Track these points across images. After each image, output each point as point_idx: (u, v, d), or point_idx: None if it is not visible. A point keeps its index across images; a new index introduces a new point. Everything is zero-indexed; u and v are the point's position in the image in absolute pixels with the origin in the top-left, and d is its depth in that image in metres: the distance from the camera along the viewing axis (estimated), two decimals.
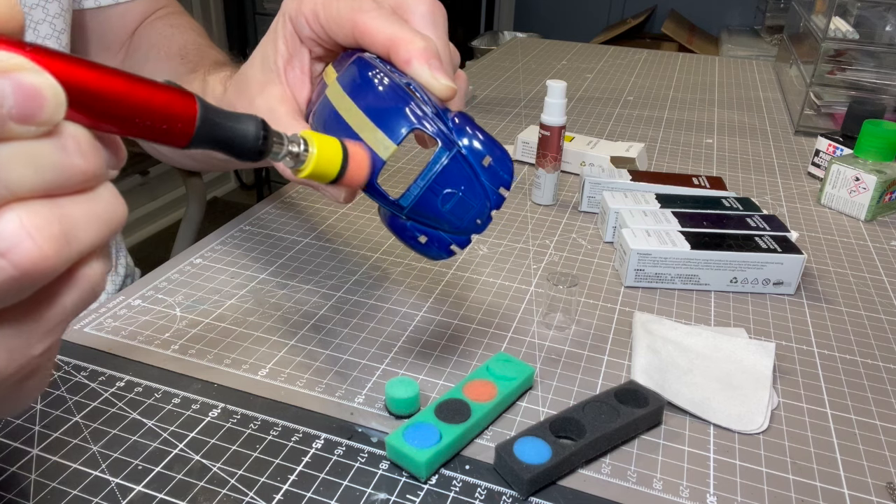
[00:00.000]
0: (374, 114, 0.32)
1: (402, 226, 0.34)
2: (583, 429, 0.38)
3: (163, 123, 0.21)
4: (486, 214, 0.35)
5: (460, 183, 0.33)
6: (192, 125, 0.22)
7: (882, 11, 0.93)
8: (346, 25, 0.35)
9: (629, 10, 2.58)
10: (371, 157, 0.31)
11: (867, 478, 0.38)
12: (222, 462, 0.37)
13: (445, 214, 0.34)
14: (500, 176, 0.34)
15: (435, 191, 0.33)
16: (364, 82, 0.33)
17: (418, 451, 0.36)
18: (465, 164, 0.33)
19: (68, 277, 0.20)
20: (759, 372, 0.44)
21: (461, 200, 0.33)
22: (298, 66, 0.39)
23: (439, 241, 0.35)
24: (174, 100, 0.22)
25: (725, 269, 0.54)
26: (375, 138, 0.32)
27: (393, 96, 0.32)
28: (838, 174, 0.70)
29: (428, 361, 0.45)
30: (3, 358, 0.20)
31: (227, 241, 0.59)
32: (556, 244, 0.62)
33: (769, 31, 1.93)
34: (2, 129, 0.17)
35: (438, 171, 0.33)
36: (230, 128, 0.24)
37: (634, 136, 0.90)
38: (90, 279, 0.21)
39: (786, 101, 1.08)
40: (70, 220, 0.19)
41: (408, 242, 0.35)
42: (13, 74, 0.17)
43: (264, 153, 0.26)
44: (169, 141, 0.22)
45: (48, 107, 0.18)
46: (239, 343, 0.46)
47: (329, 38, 0.37)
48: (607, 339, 0.49)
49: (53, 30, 0.52)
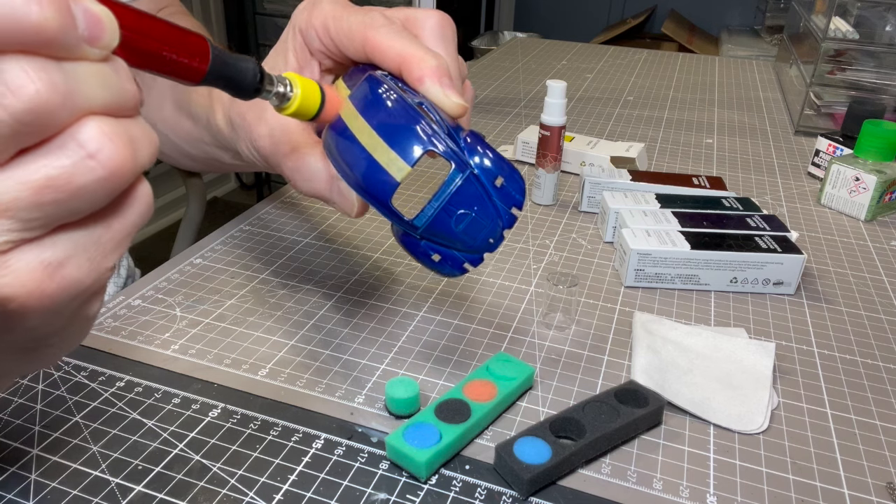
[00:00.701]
0: (388, 134, 0.32)
1: (416, 244, 0.35)
2: (583, 429, 0.38)
3: (184, 58, 0.24)
4: (499, 234, 0.35)
5: (473, 204, 0.34)
6: (206, 62, 0.25)
7: (882, 11, 0.93)
8: (357, 40, 0.35)
9: (629, 10, 2.58)
10: (386, 178, 0.32)
11: (867, 478, 0.38)
12: (222, 462, 0.37)
13: (459, 234, 0.34)
14: (513, 196, 0.34)
15: (449, 212, 0.33)
16: (376, 101, 0.33)
17: (418, 451, 0.36)
18: (477, 184, 0.33)
19: (130, 192, 0.22)
20: (759, 372, 0.44)
21: (474, 221, 0.34)
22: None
23: (452, 260, 0.35)
24: (193, 39, 0.25)
25: (725, 269, 0.54)
26: (389, 159, 0.32)
27: (405, 116, 0.33)
28: (838, 174, 0.70)
29: (428, 361, 0.45)
30: (84, 267, 0.21)
31: (227, 241, 0.59)
32: (556, 244, 0.62)
33: (769, 31, 1.93)
34: (78, 49, 0.19)
35: (452, 192, 0.33)
36: (234, 66, 0.27)
37: (634, 136, 0.90)
38: (146, 197, 0.23)
39: (786, 101, 1.08)
40: (133, 134, 0.21)
41: (421, 260, 0.35)
42: (80, 2, 0.19)
43: (260, 90, 0.29)
44: (186, 75, 0.25)
45: (108, 32, 0.20)
46: (239, 343, 0.46)
47: (339, 52, 0.37)
48: (607, 339, 0.49)
49: None
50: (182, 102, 0.53)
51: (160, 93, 0.55)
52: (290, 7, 2.30)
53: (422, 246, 0.35)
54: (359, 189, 0.33)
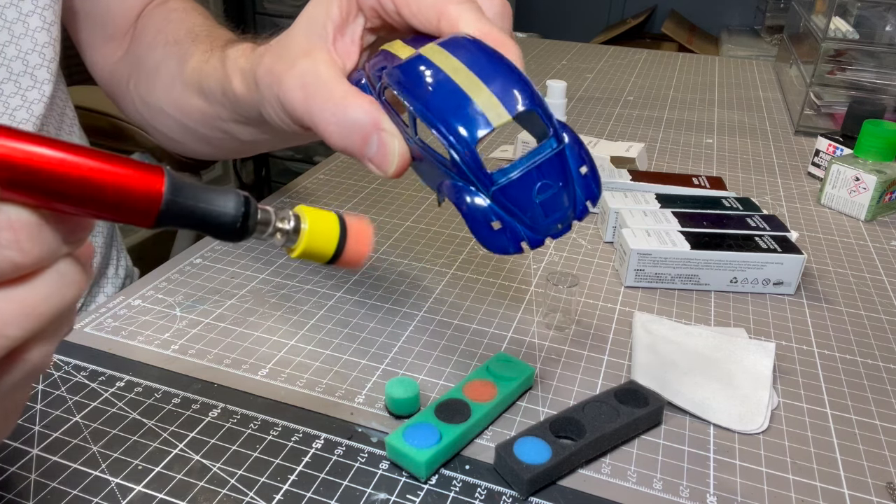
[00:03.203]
0: (490, 80, 0.30)
1: (479, 205, 0.31)
2: (583, 429, 0.38)
3: (119, 202, 0.19)
4: (569, 221, 0.33)
5: (559, 178, 0.32)
6: (157, 200, 0.20)
7: (882, 11, 0.93)
8: (430, 13, 0.33)
9: (629, 10, 2.58)
10: (479, 119, 0.29)
11: (867, 478, 0.38)
12: (222, 462, 0.37)
13: (535, 205, 0.32)
14: (591, 188, 0.33)
15: (535, 177, 0.31)
16: (479, 50, 0.31)
17: (418, 451, 0.36)
18: (566, 163, 0.32)
19: (6, 362, 0.20)
20: (759, 372, 0.44)
21: (555, 196, 0.32)
22: (350, 35, 0.37)
23: (513, 233, 0.32)
24: (134, 176, 0.19)
25: (725, 269, 0.54)
26: (490, 103, 0.30)
27: (512, 71, 0.31)
28: (838, 174, 0.70)
29: (428, 361, 0.45)
30: None
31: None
32: (556, 244, 0.62)
33: (769, 31, 1.93)
34: None
35: (546, 157, 0.31)
36: (205, 202, 0.21)
37: (634, 136, 0.90)
38: (28, 364, 0.20)
39: (786, 101, 1.08)
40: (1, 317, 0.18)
41: (477, 224, 0.32)
42: None
43: (245, 233, 0.23)
44: (131, 221, 0.20)
45: None
46: (239, 343, 0.46)
47: (398, 17, 0.35)
48: (607, 339, 0.49)
49: (44, 22, 0.51)
50: (190, 80, 0.50)
51: (168, 73, 0.53)
52: (289, 7, 2.30)
53: (486, 208, 0.31)
54: (441, 125, 0.30)
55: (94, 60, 0.61)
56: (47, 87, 0.53)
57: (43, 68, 0.52)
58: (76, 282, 0.20)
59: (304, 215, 0.25)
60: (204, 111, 0.50)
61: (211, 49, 0.49)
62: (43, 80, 0.52)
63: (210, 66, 0.47)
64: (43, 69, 0.52)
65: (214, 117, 0.49)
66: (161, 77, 0.53)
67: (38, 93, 0.52)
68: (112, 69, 0.60)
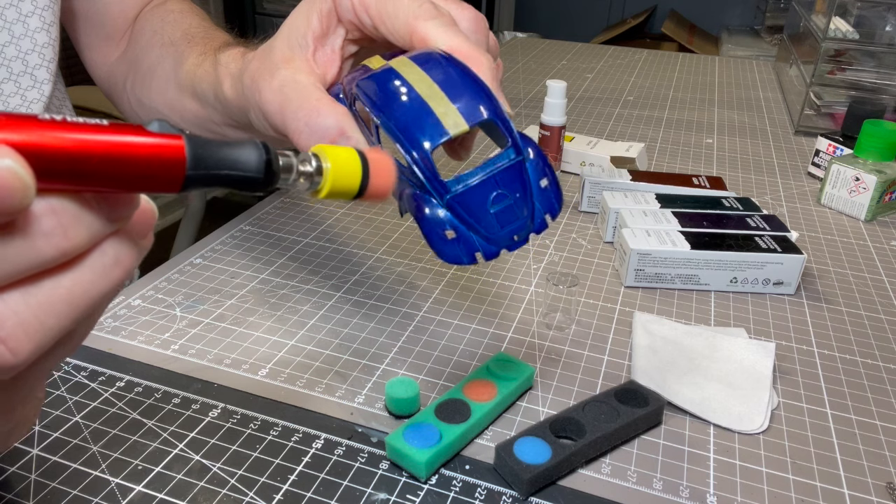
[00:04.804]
0: (450, 90, 0.30)
1: (434, 214, 0.31)
2: (583, 429, 0.38)
3: (143, 176, 0.19)
4: (525, 234, 0.33)
5: (516, 189, 0.32)
6: (181, 167, 0.19)
7: (882, 11, 0.93)
8: (402, 29, 0.34)
9: (629, 10, 2.58)
10: (436, 128, 0.29)
11: (867, 478, 0.38)
12: (222, 462, 0.37)
13: (489, 215, 0.32)
14: (552, 202, 0.33)
15: (490, 186, 0.31)
16: (443, 63, 0.31)
17: (418, 451, 0.36)
18: (525, 175, 0.32)
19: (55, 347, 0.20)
20: (759, 372, 0.44)
21: (510, 208, 0.32)
22: (330, 45, 0.38)
23: (466, 243, 0.32)
24: (155, 147, 0.19)
25: (725, 269, 0.54)
26: (447, 111, 0.30)
27: (475, 83, 0.31)
28: (838, 174, 0.70)
29: (428, 361, 0.45)
30: None
31: (227, 241, 0.59)
32: (556, 244, 0.62)
33: (769, 31, 1.93)
34: None
35: (502, 167, 0.31)
36: (227, 159, 0.21)
37: (634, 136, 0.90)
38: (71, 346, 0.20)
39: (786, 101, 1.08)
40: (44, 309, 0.18)
41: (431, 234, 0.32)
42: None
43: (272, 180, 0.22)
44: (160, 189, 0.19)
45: (14, 196, 0.15)
46: (239, 343, 0.46)
47: (374, 30, 0.36)
48: (607, 339, 0.49)
49: (43, 22, 0.51)
50: (185, 83, 0.50)
51: (163, 74, 0.53)
52: (289, 7, 2.30)
53: (441, 218, 0.31)
54: (399, 133, 0.30)
55: (92, 60, 0.61)
56: (47, 87, 0.53)
57: (42, 68, 0.52)
58: (121, 261, 0.19)
59: (323, 154, 0.25)
60: (197, 114, 0.50)
61: (205, 52, 0.50)
62: (42, 80, 0.52)
63: (203, 70, 0.48)
64: (42, 69, 0.52)
65: (208, 120, 0.50)
66: (157, 78, 0.54)
67: (38, 93, 0.52)
68: (110, 69, 0.60)
